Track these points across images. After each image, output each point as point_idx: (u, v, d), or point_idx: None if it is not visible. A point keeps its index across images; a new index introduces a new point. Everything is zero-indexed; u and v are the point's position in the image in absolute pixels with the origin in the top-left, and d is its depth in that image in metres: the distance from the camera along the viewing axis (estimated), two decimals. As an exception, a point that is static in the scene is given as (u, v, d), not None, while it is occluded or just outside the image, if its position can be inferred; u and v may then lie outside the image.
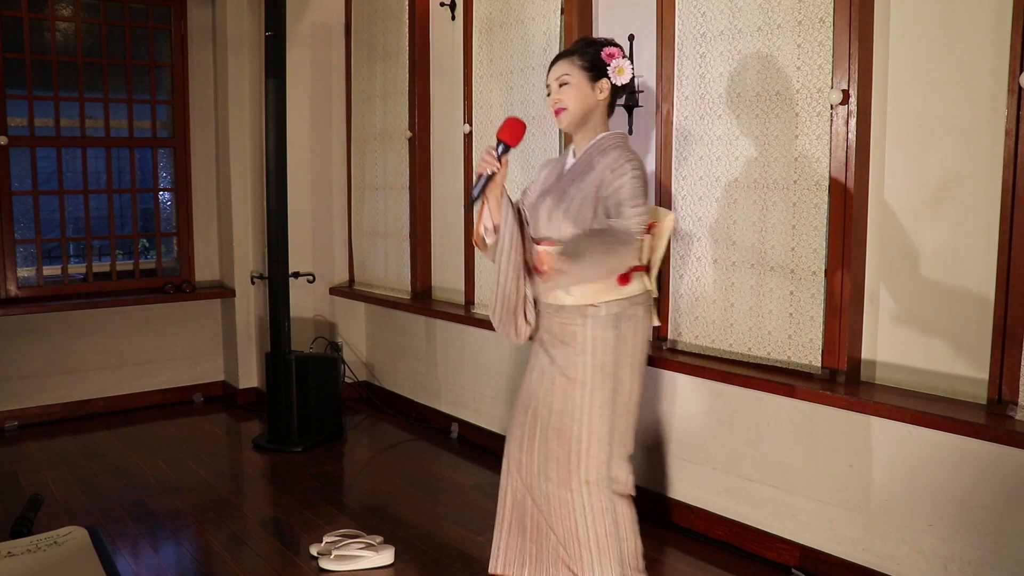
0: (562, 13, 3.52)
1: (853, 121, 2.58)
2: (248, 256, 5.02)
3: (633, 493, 2.45)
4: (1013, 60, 2.24)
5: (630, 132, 3.33)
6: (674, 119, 3.10)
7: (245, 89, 4.92)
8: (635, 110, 3.31)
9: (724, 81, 2.93)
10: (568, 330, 2.38)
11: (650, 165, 3.26)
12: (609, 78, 2.41)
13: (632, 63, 2.48)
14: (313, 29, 4.97)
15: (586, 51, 2.42)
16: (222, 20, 4.89)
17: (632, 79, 2.49)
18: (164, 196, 5.13)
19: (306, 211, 5.02)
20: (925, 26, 2.47)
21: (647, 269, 2.49)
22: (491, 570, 2.57)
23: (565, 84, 2.40)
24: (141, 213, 5.03)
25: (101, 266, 4.96)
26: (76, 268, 4.90)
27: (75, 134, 4.77)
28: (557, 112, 2.42)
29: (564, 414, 2.38)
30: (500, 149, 2.31)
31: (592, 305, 2.34)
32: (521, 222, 2.43)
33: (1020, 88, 2.22)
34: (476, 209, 2.47)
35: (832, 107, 2.62)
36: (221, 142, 5.03)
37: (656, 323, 2.53)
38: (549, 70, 2.46)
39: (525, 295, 2.43)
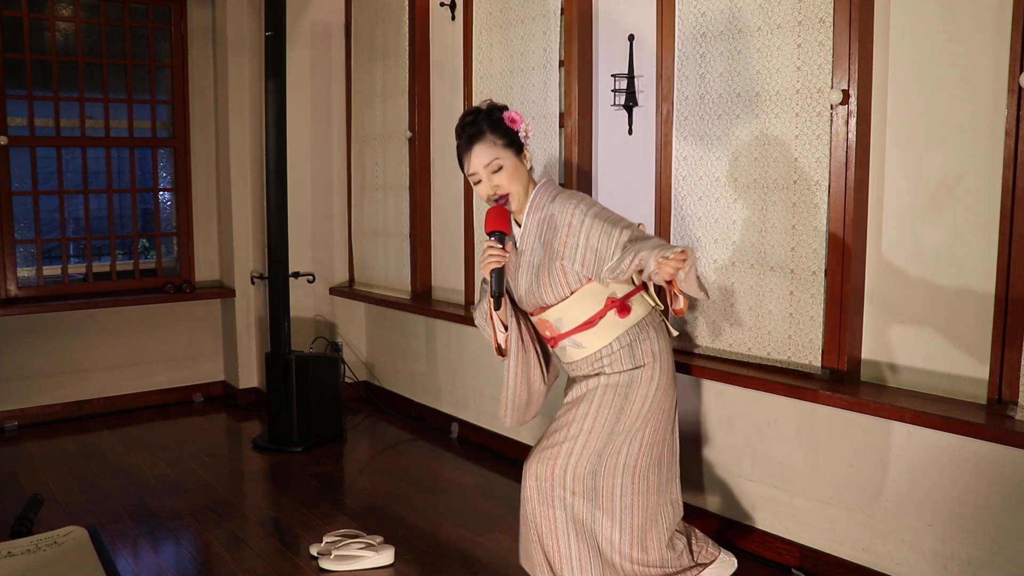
0: (562, 13, 3.52)
1: (853, 121, 2.58)
2: (248, 256, 5.02)
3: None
4: (1013, 60, 2.24)
5: (630, 132, 3.33)
6: (674, 119, 3.10)
7: (245, 89, 4.92)
8: (635, 110, 3.31)
9: (724, 81, 2.93)
10: (590, 373, 2.43)
11: (650, 165, 3.26)
12: (524, 144, 2.39)
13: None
14: (313, 29, 4.97)
15: (496, 126, 2.35)
16: (222, 20, 4.89)
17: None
18: (164, 196, 5.13)
19: (306, 211, 5.02)
20: (925, 26, 2.47)
21: (643, 288, 2.49)
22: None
23: (499, 169, 2.34)
24: (141, 213, 5.03)
25: (101, 266, 4.96)
26: (76, 268, 4.90)
27: (75, 134, 4.77)
28: (499, 199, 2.36)
29: (557, 432, 2.40)
30: (496, 238, 2.31)
31: (605, 346, 2.39)
32: (519, 316, 2.48)
33: (1020, 88, 2.22)
34: (484, 315, 2.49)
35: (832, 107, 2.62)
36: (221, 142, 5.03)
37: (674, 333, 2.53)
38: (466, 156, 2.36)
39: (535, 387, 2.52)
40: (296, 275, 4.51)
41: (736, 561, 2.67)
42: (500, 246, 2.31)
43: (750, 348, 2.92)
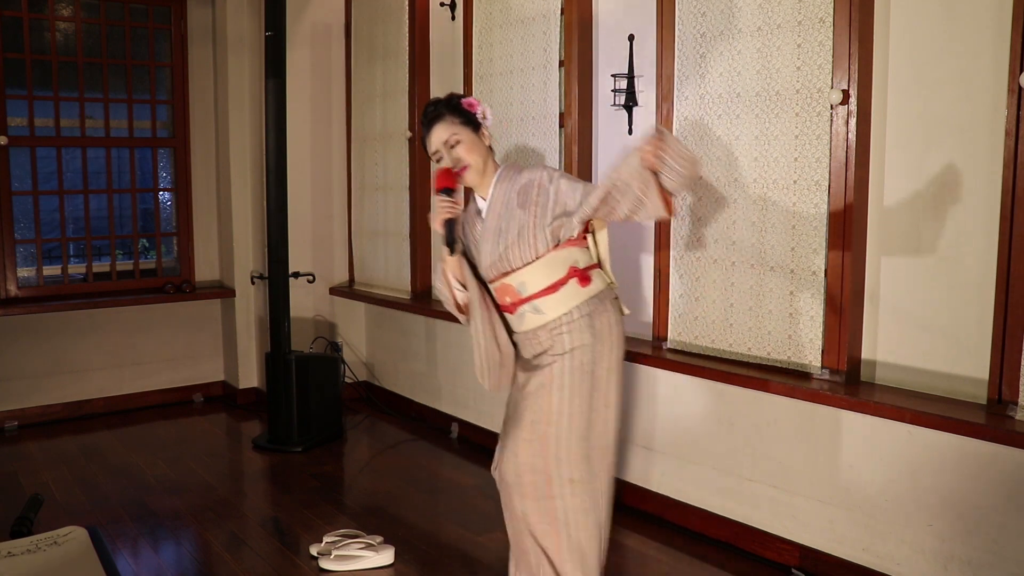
0: (562, 13, 3.52)
1: (853, 121, 2.58)
2: (248, 256, 5.02)
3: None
4: (1013, 60, 2.24)
5: (630, 132, 3.33)
6: (674, 119, 3.10)
7: (245, 89, 4.92)
8: (635, 110, 3.31)
9: (724, 81, 2.93)
10: (547, 346, 2.42)
11: (650, 165, 3.26)
12: (483, 125, 2.52)
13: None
14: (313, 29, 4.97)
15: (454, 109, 2.50)
16: (222, 20, 4.89)
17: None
18: (164, 196, 5.14)
19: (306, 211, 5.02)
20: (925, 26, 2.47)
21: (599, 265, 2.53)
22: None
23: (457, 144, 2.46)
24: (141, 213, 5.04)
25: (101, 266, 4.96)
26: (76, 268, 4.90)
27: (75, 134, 4.77)
28: (460, 172, 2.45)
29: (537, 423, 2.37)
30: (446, 193, 2.39)
31: (565, 314, 2.39)
32: (480, 282, 2.51)
33: (1020, 88, 2.22)
34: (441, 273, 2.53)
35: (832, 107, 2.62)
36: (221, 142, 5.03)
37: (626, 312, 2.55)
38: (428, 137, 2.49)
39: (504, 346, 2.49)
40: (296, 275, 4.51)
41: None
42: (451, 199, 2.41)
43: (750, 348, 2.92)
